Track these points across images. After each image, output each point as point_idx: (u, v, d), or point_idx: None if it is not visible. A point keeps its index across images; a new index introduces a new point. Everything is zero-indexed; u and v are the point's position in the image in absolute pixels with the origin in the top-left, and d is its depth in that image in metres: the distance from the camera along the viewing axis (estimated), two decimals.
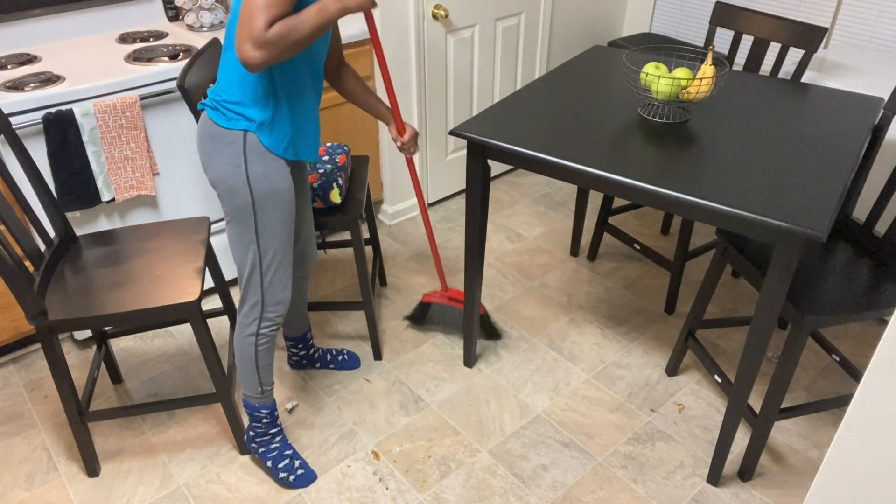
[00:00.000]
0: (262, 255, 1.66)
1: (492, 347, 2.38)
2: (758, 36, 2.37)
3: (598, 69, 2.24)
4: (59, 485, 1.92)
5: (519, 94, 2.06)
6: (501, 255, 2.87)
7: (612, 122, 1.88)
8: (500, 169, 3.44)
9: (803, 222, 1.43)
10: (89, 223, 2.22)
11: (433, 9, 2.71)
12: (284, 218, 1.65)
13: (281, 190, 1.60)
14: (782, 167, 1.64)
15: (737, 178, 1.60)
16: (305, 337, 2.20)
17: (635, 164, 1.67)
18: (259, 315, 1.73)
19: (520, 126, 1.86)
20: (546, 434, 2.06)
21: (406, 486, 1.91)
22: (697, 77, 1.83)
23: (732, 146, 1.74)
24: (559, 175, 1.74)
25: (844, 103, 1.98)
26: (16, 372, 2.30)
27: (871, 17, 2.70)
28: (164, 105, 2.21)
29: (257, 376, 1.81)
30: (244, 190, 1.57)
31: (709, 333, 2.44)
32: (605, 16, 3.50)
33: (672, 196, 1.56)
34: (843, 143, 1.75)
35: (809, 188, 1.55)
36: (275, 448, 1.93)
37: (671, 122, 1.88)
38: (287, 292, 1.74)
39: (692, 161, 1.68)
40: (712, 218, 1.54)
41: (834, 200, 1.50)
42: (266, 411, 1.88)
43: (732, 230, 1.53)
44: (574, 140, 1.79)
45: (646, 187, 1.59)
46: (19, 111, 1.97)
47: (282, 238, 1.66)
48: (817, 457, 1.99)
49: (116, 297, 1.72)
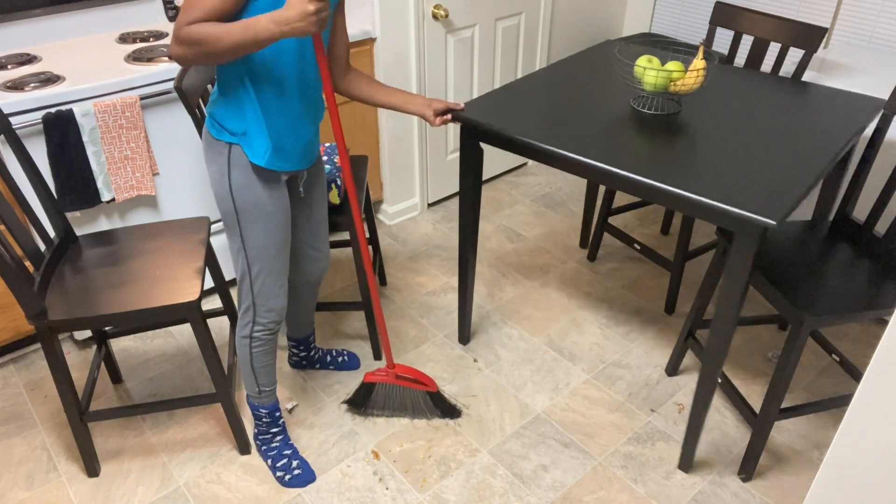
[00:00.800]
0: (249, 263, 1.66)
1: (492, 347, 2.38)
2: (758, 36, 2.37)
3: (601, 63, 2.28)
4: (59, 485, 1.92)
5: (519, 82, 2.12)
6: (501, 255, 2.87)
7: (604, 112, 1.93)
8: (500, 169, 3.44)
9: (760, 211, 1.46)
10: (89, 223, 2.22)
11: (433, 9, 2.71)
12: (271, 230, 1.64)
13: (264, 203, 1.60)
14: (760, 159, 1.68)
15: (711, 168, 1.64)
16: (308, 339, 2.20)
17: (616, 150, 1.73)
18: (252, 319, 1.74)
19: (514, 112, 1.92)
20: (546, 434, 2.06)
21: (406, 486, 1.91)
22: (689, 69, 1.87)
23: (717, 138, 1.78)
24: (543, 159, 1.80)
25: (838, 102, 1.99)
26: (16, 372, 2.30)
27: (871, 17, 2.70)
28: (164, 105, 2.21)
29: (254, 377, 1.83)
30: (228, 199, 1.59)
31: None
32: (606, 16, 3.50)
33: (640, 181, 1.61)
34: (827, 140, 1.77)
35: (779, 180, 1.59)
36: (275, 447, 1.95)
37: (661, 114, 1.92)
38: (279, 300, 1.74)
39: (673, 150, 1.73)
40: (679, 205, 1.59)
41: (799, 193, 1.53)
42: (265, 411, 1.90)
43: (697, 217, 1.58)
44: (564, 127, 1.84)
45: (613, 170, 1.65)
46: (19, 111, 1.97)
47: (270, 250, 1.66)
48: (817, 457, 1.99)
49: (116, 297, 1.72)
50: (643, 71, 1.89)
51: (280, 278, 1.71)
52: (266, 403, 1.88)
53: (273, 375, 1.86)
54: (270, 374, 1.85)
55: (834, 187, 2.10)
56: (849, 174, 2.50)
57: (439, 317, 2.52)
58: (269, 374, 1.85)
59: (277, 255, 1.68)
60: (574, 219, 3.11)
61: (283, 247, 1.69)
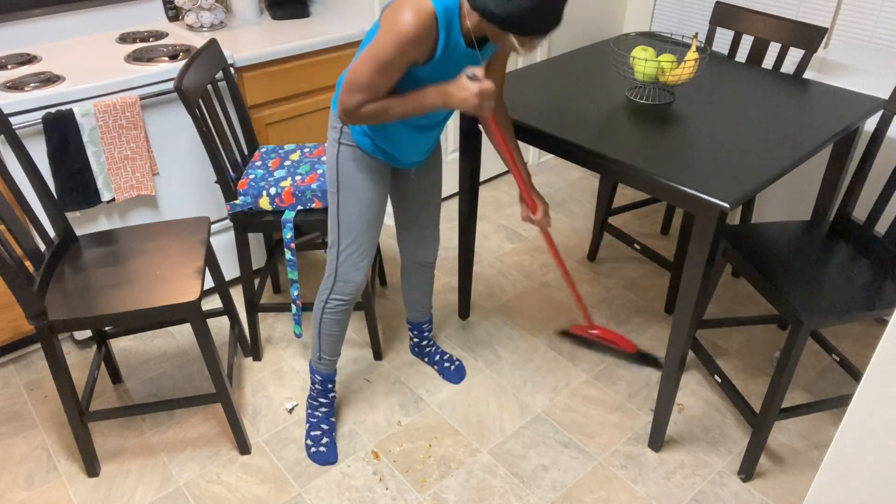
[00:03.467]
0: (340, 233, 1.76)
1: (492, 347, 2.38)
2: (758, 36, 2.37)
3: (600, 57, 2.36)
4: (59, 485, 1.92)
5: (520, 70, 2.21)
6: (501, 255, 2.87)
7: (600, 100, 2.02)
8: (500, 169, 3.44)
9: (717, 195, 1.54)
10: (89, 223, 2.22)
11: None
12: (364, 204, 1.73)
13: (362, 177, 1.70)
14: (738, 149, 1.74)
15: (689, 155, 1.72)
16: (421, 327, 2.27)
17: (604, 135, 1.82)
18: (331, 286, 1.83)
19: (513, 96, 2.04)
20: (546, 434, 2.06)
21: (406, 486, 1.91)
22: (684, 60, 1.95)
23: (704, 128, 1.85)
24: (532, 141, 1.90)
25: (834, 99, 2.02)
26: (16, 372, 2.30)
27: (871, 17, 2.70)
28: (164, 105, 2.21)
29: (318, 342, 1.92)
30: (333, 168, 1.71)
31: (709, 333, 2.44)
32: (606, 16, 3.50)
33: (612, 161, 1.71)
34: (811, 135, 1.81)
35: (748, 168, 1.65)
36: (317, 416, 2.03)
37: (653, 104, 1.99)
38: (359, 275, 1.81)
39: (658, 138, 1.80)
40: (647, 186, 1.67)
41: (759, 181, 1.60)
42: (319, 377, 1.99)
43: (664, 199, 1.65)
44: (558, 112, 1.93)
45: (589, 148, 1.75)
46: (19, 111, 1.97)
47: (360, 223, 1.75)
48: (817, 457, 1.99)
49: (116, 297, 1.72)
50: (635, 60, 1.97)
51: (364, 254, 1.80)
52: (323, 371, 1.97)
53: (337, 348, 1.94)
54: (335, 344, 1.93)
55: (833, 187, 2.11)
56: (849, 174, 2.50)
57: (439, 317, 2.52)
58: (333, 345, 1.93)
59: (366, 229, 1.77)
60: (574, 219, 3.11)
61: (372, 222, 1.77)
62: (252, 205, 2.02)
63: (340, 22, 2.67)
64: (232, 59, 2.29)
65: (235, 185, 2.04)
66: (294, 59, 2.45)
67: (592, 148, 1.74)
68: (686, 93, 2.06)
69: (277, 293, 2.65)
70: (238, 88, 2.23)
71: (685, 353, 1.79)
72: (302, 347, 2.39)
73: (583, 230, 3.02)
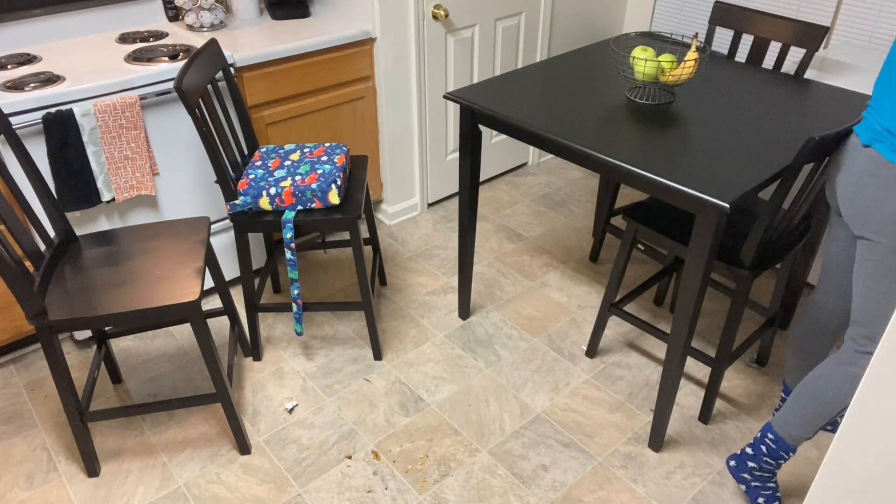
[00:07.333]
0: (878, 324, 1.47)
1: (492, 347, 2.38)
2: (758, 35, 2.37)
3: (600, 57, 2.36)
4: (59, 485, 1.92)
5: (519, 71, 2.22)
6: (501, 255, 2.87)
7: (599, 100, 2.02)
8: (500, 169, 3.44)
9: (717, 194, 1.54)
10: (89, 223, 2.22)
11: (433, 9, 2.71)
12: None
13: None
14: (738, 149, 1.75)
15: (690, 155, 1.71)
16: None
17: (604, 135, 1.81)
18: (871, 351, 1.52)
19: (512, 96, 2.03)
20: (546, 434, 2.06)
21: (406, 486, 1.91)
22: (684, 60, 1.95)
23: (704, 128, 1.86)
24: (532, 141, 1.90)
25: (834, 99, 2.03)
26: (16, 372, 2.30)
27: (871, 17, 2.70)
28: (164, 105, 2.21)
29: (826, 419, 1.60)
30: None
31: (709, 333, 2.44)
32: (606, 15, 3.50)
33: (610, 162, 1.70)
34: (805, 135, 1.82)
35: (746, 167, 1.66)
36: (770, 488, 1.81)
37: (653, 104, 2.00)
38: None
39: (658, 138, 1.80)
40: (648, 187, 1.67)
41: (755, 180, 1.61)
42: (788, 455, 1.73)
43: (665, 199, 1.65)
44: (557, 112, 1.94)
45: (587, 151, 1.74)
46: (19, 111, 1.97)
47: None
48: (817, 457, 1.99)
49: (116, 297, 1.72)
50: (635, 60, 1.97)
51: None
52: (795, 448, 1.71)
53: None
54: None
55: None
56: None
57: (439, 317, 2.52)
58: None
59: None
60: (574, 219, 3.11)
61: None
62: (252, 205, 2.02)
63: (340, 22, 2.67)
64: (232, 59, 2.29)
65: (235, 185, 2.04)
66: (294, 60, 2.46)
67: (592, 148, 1.74)
68: (686, 93, 2.07)
69: (277, 293, 2.65)
70: (238, 88, 2.23)
71: (685, 354, 1.79)
72: (302, 347, 2.39)
73: (583, 230, 3.02)
